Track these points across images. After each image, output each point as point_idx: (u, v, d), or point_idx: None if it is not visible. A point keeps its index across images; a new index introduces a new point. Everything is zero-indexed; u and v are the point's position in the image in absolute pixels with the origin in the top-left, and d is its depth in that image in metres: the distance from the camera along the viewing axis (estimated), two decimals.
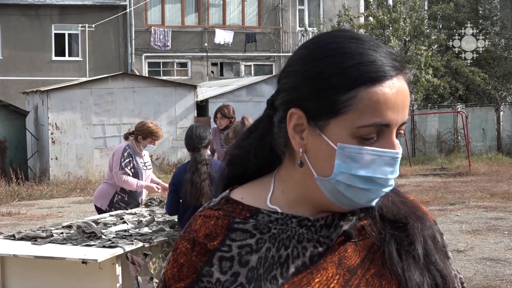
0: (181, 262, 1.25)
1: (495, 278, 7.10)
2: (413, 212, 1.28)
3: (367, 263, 1.22)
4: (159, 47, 26.49)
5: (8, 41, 25.52)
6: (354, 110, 1.15)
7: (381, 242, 1.24)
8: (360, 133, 1.16)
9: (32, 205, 14.10)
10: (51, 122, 17.54)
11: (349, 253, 1.22)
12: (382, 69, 1.16)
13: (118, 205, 6.81)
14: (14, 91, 24.29)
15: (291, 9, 28.18)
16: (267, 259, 1.21)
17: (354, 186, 1.18)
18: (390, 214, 1.26)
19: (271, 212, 1.25)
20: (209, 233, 1.25)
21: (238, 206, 1.28)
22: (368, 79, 1.15)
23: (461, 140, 21.75)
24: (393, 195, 1.28)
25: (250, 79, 22.26)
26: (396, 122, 1.17)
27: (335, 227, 1.24)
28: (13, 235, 5.26)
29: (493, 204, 12.26)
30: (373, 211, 1.25)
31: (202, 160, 5.21)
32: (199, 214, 1.29)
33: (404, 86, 1.18)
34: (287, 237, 1.23)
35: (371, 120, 1.15)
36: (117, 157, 6.71)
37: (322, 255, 1.22)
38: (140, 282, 4.83)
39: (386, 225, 1.25)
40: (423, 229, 1.26)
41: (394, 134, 1.18)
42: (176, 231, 5.39)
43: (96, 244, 4.79)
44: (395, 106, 1.16)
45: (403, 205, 1.29)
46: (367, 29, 23.04)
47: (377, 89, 1.15)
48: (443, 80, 22.68)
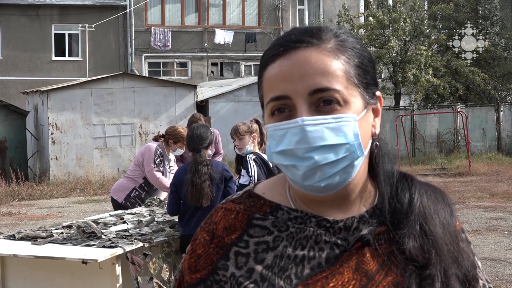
0: (199, 253, 1.26)
1: (495, 278, 7.10)
2: (444, 241, 1.23)
3: (385, 269, 1.21)
4: (159, 47, 26.49)
5: (8, 41, 25.52)
6: (264, 90, 1.22)
7: (402, 270, 1.21)
8: (269, 109, 1.20)
9: (32, 205, 14.10)
10: (51, 122, 17.54)
11: (367, 258, 1.21)
12: (277, 48, 1.21)
13: (133, 200, 6.94)
14: (14, 91, 24.29)
15: (291, 9, 28.17)
16: (282, 257, 1.21)
17: (281, 165, 1.19)
18: (414, 252, 1.21)
19: (291, 210, 1.25)
20: (228, 227, 1.25)
21: (259, 201, 1.28)
22: (265, 61, 1.22)
23: (461, 140, 21.75)
24: (439, 215, 1.25)
25: (250, 79, 22.25)
26: (296, 91, 1.17)
27: (354, 230, 1.23)
28: (13, 235, 5.26)
29: (493, 204, 12.26)
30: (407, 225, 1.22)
31: (202, 161, 5.21)
32: (221, 206, 1.29)
33: (304, 55, 1.18)
34: (304, 236, 1.22)
35: (269, 96, 1.20)
36: (150, 154, 6.82)
37: (339, 258, 1.20)
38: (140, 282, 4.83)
39: (409, 260, 1.21)
40: (447, 268, 1.22)
41: (303, 104, 1.17)
42: (176, 231, 5.39)
43: (96, 244, 4.79)
44: (288, 77, 1.17)
45: (440, 230, 1.24)
46: (367, 29, 23.04)
47: (271, 67, 1.20)
48: (443, 80, 22.68)
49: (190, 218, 5.27)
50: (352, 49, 1.22)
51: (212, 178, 5.21)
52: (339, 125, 1.16)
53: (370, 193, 1.28)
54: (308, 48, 1.19)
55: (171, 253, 5.34)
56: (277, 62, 1.20)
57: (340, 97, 1.17)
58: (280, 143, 1.18)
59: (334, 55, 1.19)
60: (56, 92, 17.75)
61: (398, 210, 1.24)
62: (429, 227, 1.23)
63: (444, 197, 1.30)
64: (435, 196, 1.28)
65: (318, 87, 1.16)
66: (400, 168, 1.32)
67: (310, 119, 1.16)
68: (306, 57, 1.18)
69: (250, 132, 6.03)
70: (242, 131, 6.11)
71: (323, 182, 1.17)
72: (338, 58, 1.19)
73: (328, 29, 1.23)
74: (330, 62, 1.18)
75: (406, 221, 1.23)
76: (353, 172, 1.19)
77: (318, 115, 1.17)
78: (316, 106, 1.17)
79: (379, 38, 23.02)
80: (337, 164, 1.17)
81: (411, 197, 1.25)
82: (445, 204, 1.29)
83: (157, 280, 5.06)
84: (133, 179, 7.00)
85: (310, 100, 1.17)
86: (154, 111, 18.41)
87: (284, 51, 1.19)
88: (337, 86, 1.17)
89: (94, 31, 25.67)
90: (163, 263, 5.23)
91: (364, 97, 1.22)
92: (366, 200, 1.27)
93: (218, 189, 5.28)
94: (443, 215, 1.26)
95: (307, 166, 1.16)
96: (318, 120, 1.16)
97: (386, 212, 1.24)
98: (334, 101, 1.17)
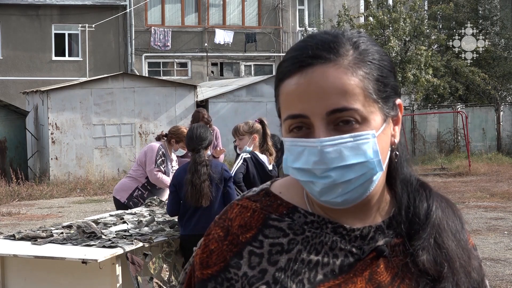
0: (212, 248, 1.24)
1: (495, 278, 7.10)
2: (457, 255, 1.23)
3: (398, 281, 1.20)
4: (159, 47, 26.49)
5: (8, 41, 25.52)
6: (281, 104, 1.20)
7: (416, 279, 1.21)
8: (287, 126, 1.19)
9: (32, 205, 14.10)
10: (51, 122, 17.54)
11: (381, 269, 1.20)
12: (294, 62, 1.18)
13: (136, 200, 6.96)
14: (14, 91, 24.29)
15: (291, 9, 28.17)
16: (296, 261, 1.20)
17: (298, 180, 1.19)
18: (428, 265, 1.21)
19: (308, 214, 1.24)
20: (243, 225, 1.24)
21: (276, 201, 1.26)
22: (282, 73, 1.20)
23: (461, 140, 21.75)
24: (452, 229, 1.25)
25: (250, 79, 22.26)
26: (313, 111, 1.15)
27: (369, 240, 1.22)
28: (13, 235, 5.26)
29: (493, 204, 12.26)
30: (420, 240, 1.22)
31: (202, 161, 5.20)
32: (237, 203, 1.28)
33: (322, 73, 1.16)
34: (319, 242, 1.21)
35: (286, 113, 1.18)
36: (152, 154, 6.84)
37: (352, 267, 1.20)
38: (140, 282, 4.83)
39: (422, 273, 1.21)
40: (459, 283, 1.22)
41: (321, 124, 1.15)
42: (176, 231, 5.39)
43: (96, 244, 4.79)
44: (305, 96, 1.16)
45: (454, 244, 1.24)
46: (367, 29, 23.02)
47: (288, 83, 1.18)
48: (443, 80, 22.67)
49: (190, 218, 5.27)
50: (371, 62, 1.19)
51: (212, 178, 5.21)
52: (358, 144, 1.15)
53: (387, 202, 1.27)
54: (326, 65, 1.16)
55: (171, 253, 5.34)
56: (293, 78, 1.17)
57: (359, 116, 1.16)
58: (297, 159, 1.17)
59: (352, 72, 1.16)
60: (56, 92, 17.75)
61: (415, 221, 1.23)
62: (442, 240, 1.23)
63: (454, 209, 1.30)
64: (448, 208, 1.28)
65: (336, 107, 1.15)
66: (418, 176, 1.31)
67: (328, 140, 1.14)
68: (324, 75, 1.15)
69: (250, 133, 6.05)
70: (243, 131, 6.14)
71: (340, 198, 1.16)
72: (356, 75, 1.16)
73: (346, 39, 1.19)
74: (348, 80, 1.15)
75: (422, 233, 1.22)
76: (371, 187, 1.18)
77: (336, 134, 1.15)
78: (334, 125, 1.16)
79: (379, 38, 23.02)
80: (356, 181, 1.16)
81: (429, 208, 1.25)
82: (455, 217, 1.28)
83: (157, 280, 5.06)
84: (136, 179, 7.03)
85: (328, 120, 1.15)
86: (154, 111, 18.41)
87: (301, 68, 1.17)
88: (355, 106, 1.15)
89: (94, 31, 25.67)
90: (163, 263, 5.23)
91: (383, 111, 1.20)
92: (383, 209, 1.26)
93: (217, 189, 5.28)
94: (455, 229, 1.26)
95: (324, 184, 1.15)
96: (336, 140, 1.14)
97: (402, 222, 1.24)
98: (352, 120, 1.15)
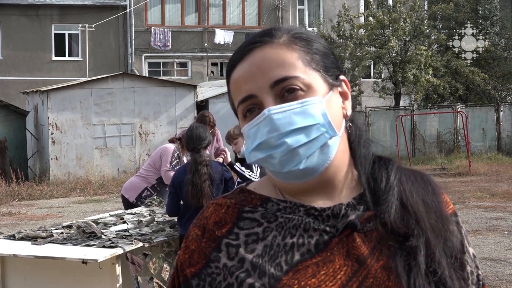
0: (192, 248, 1.28)
1: (495, 278, 7.11)
2: (427, 216, 1.24)
3: (376, 253, 1.22)
4: (159, 47, 26.50)
5: (8, 41, 25.52)
6: (233, 96, 1.28)
7: (388, 249, 1.22)
8: (241, 113, 1.26)
9: (32, 205, 14.11)
10: (51, 122, 17.54)
11: (357, 243, 1.22)
12: (237, 54, 1.28)
13: (144, 200, 6.96)
14: (14, 91, 24.30)
15: (291, 9, 28.18)
16: (272, 247, 1.23)
17: (258, 160, 1.23)
18: (395, 225, 1.22)
19: (280, 201, 1.28)
20: (218, 221, 1.28)
21: (250, 195, 1.31)
22: (228, 70, 1.29)
23: (461, 140, 21.75)
24: (419, 193, 1.27)
25: None
26: (259, 88, 1.22)
27: (342, 217, 1.24)
28: (13, 235, 5.26)
29: (493, 204, 12.27)
30: (386, 206, 1.24)
31: (202, 161, 5.21)
32: (212, 202, 1.33)
33: (260, 53, 1.24)
34: (293, 225, 1.24)
35: (237, 100, 1.26)
36: (167, 156, 6.86)
37: (328, 244, 1.22)
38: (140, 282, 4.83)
39: (391, 237, 1.23)
40: (431, 239, 1.22)
41: (268, 98, 1.22)
42: (176, 231, 5.40)
43: (96, 244, 4.79)
44: (250, 77, 1.23)
45: (421, 207, 1.25)
46: (367, 29, 23.04)
47: (234, 73, 1.27)
48: (443, 80, 22.68)
49: (190, 218, 5.27)
50: (305, 39, 1.27)
51: (212, 178, 5.21)
52: (305, 108, 1.20)
53: (356, 180, 1.30)
54: (263, 46, 1.24)
55: (171, 253, 5.35)
56: (238, 67, 1.26)
57: (301, 83, 1.22)
58: (254, 139, 1.22)
59: (288, 47, 1.24)
60: (56, 92, 17.75)
61: (377, 188, 1.27)
62: (410, 204, 1.25)
63: (425, 177, 1.32)
64: (414, 177, 1.31)
65: (277, 78, 1.21)
66: (378, 153, 1.34)
67: (275, 108, 1.20)
68: (262, 54, 1.23)
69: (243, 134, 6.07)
70: (234, 134, 6.19)
71: (301, 165, 1.20)
72: (293, 49, 1.24)
73: (282, 27, 1.28)
74: (285, 54, 1.23)
75: (385, 197, 1.25)
76: (330, 153, 1.22)
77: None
78: (281, 97, 1.21)
79: (379, 38, 23.03)
80: (311, 145, 1.20)
81: (388, 175, 1.28)
82: (426, 183, 1.30)
83: (157, 280, 5.06)
84: (146, 179, 7.03)
85: (273, 92, 1.21)
86: (154, 111, 18.41)
87: (242, 55, 1.26)
88: (295, 73, 1.22)
89: (94, 31, 25.68)
90: (163, 263, 5.23)
91: (326, 80, 1.26)
92: (353, 187, 1.29)
93: (218, 190, 5.28)
94: (424, 194, 1.28)
95: (281, 152, 1.19)
96: (284, 107, 1.20)
97: (366, 192, 1.27)
98: (296, 88, 1.21)
